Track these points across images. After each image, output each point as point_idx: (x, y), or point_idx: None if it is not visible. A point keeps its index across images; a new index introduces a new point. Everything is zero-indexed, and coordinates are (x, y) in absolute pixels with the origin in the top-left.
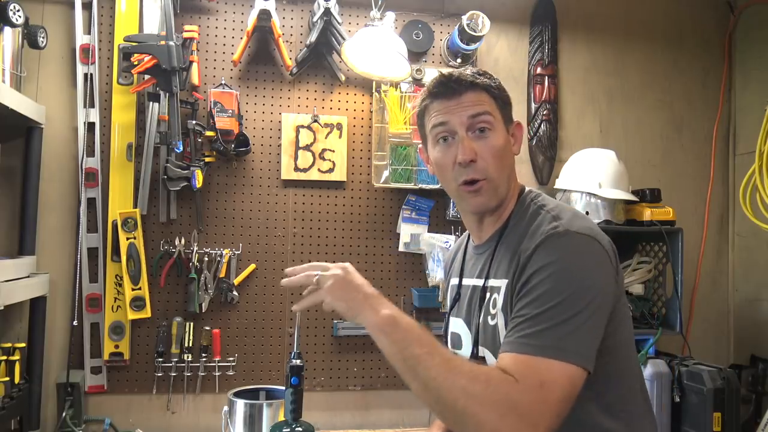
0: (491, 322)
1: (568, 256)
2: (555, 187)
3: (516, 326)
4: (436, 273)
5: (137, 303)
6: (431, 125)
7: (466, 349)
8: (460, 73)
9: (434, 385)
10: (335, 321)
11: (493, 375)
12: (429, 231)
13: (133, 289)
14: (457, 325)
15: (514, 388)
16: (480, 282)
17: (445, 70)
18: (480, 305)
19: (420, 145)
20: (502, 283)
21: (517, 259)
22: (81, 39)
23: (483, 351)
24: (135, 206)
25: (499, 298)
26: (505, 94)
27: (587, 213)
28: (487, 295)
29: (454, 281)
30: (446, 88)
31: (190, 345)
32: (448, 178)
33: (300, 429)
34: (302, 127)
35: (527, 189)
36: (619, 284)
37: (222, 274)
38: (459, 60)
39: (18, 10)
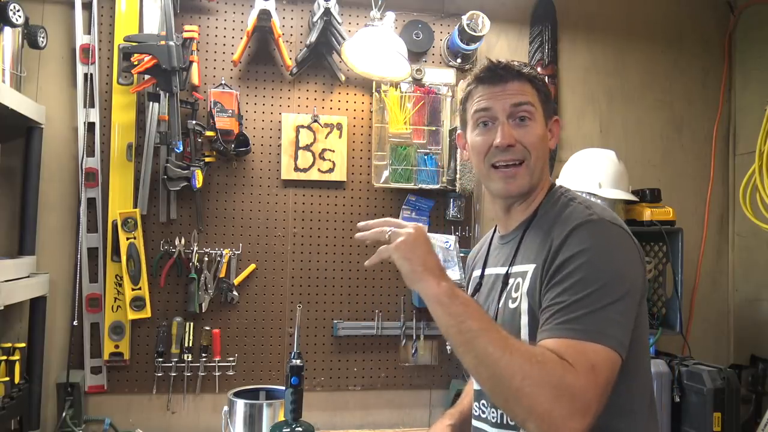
0: (511, 305)
1: (605, 243)
2: None
3: (556, 312)
4: None
5: (137, 303)
6: (473, 110)
7: None
8: (508, 62)
9: (490, 361)
10: (335, 321)
11: (548, 357)
12: (429, 231)
13: (133, 289)
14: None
15: (569, 371)
16: (503, 270)
17: (493, 59)
18: (501, 291)
19: (459, 131)
20: (528, 268)
21: (549, 244)
22: (81, 39)
23: None
24: (135, 206)
25: (525, 282)
26: (548, 89)
27: None
28: (510, 281)
29: (477, 273)
30: (493, 74)
31: (190, 345)
32: (481, 160)
33: (300, 429)
34: (302, 127)
35: (557, 184)
36: (644, 281)
37: (222, 274)
38: (459, 60)
39: (18, 10)
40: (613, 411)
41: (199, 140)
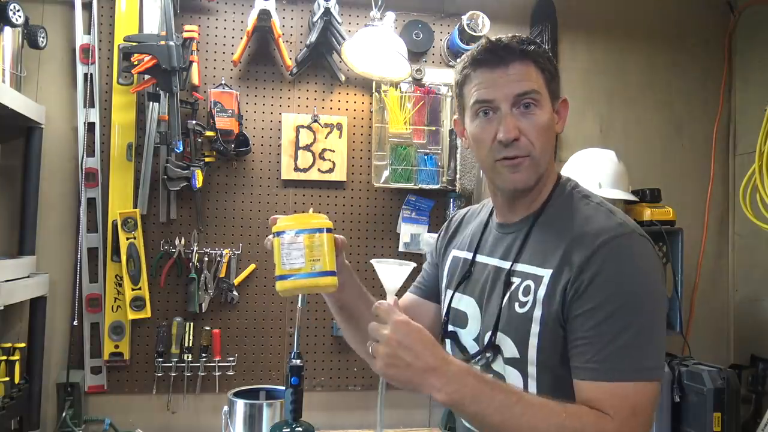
0: (519, 310)
1: (639, 264)
2: None
3: (592, 347)
4: None
5: (137, 303)
6: (473, 100)
7: (471, 331)
8: (509, 40)
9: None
10: (335, 321)
11: (584, 412)
12: (429, 231)
13: (133, 289)
14: (464, 302)
15: (609, 424)
16: (504, 264)
17: (491, 37)
18: (504, 290)
19: (455, 117)
20: (542, 273)
21: (572, 253)
22: (81, 39)
23: (502, 338)
24: (135, 206)
25: (540, 288)
26: (553, 66)
27: None
28: (514, 280)
29: (462, 254)
30: (492, 56)
31: (190, 345)
32: (485, 154)
33: (300, 429)
34: (302, 127)
35: (564, 176)
36: None
37: (222, 274)
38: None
39: (18, 10)
40: None
41: (199, 140)
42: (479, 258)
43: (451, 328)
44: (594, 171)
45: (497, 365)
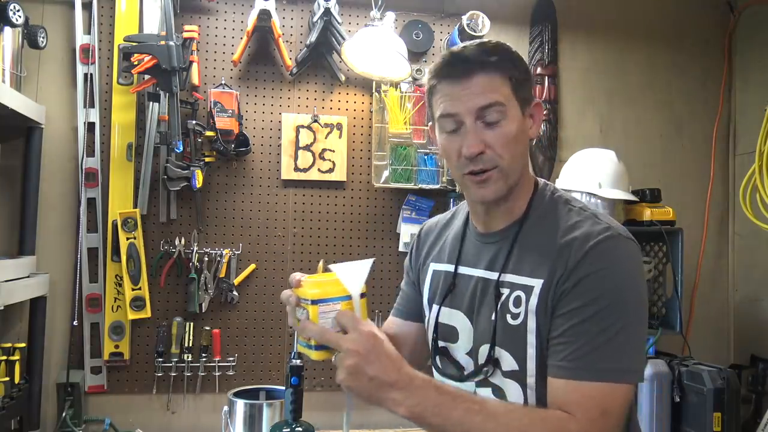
0: (512, 322)
1: (624, 267)
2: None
3: (570, 347)
4: None
5: (137, 303)
6: (438, 112)
7: (463, 345)
8: (470, 52)
9: None
10: None
11: (548, 415)
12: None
13: (133, 289)
14: (453, 317)
15: (572, 425)
16: (491, 275)
17: (456, 46)
18: (495, 302)
19: (429, 123)
20: (533, 283)
21: (560, 259)
22: (81, 39)
23: (499, 352)
24: (135, 206)
25: (531, 299)
26: (521, 71)
27: None
28: (503, 291)
29: (442, 267)
30: (454, 69)
31: (190, 345)
32: (453, 167)
33: (300, 429)
34: (302, 127)
35: (542, 181)
36: None
37: (222, 274)
38: None
39: (18, 10)
40: None
41: (199, 140)
42: (462, 270)
43: (441, 343)
44: (594, 171)
45: (496, 379)
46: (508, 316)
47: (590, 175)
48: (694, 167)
